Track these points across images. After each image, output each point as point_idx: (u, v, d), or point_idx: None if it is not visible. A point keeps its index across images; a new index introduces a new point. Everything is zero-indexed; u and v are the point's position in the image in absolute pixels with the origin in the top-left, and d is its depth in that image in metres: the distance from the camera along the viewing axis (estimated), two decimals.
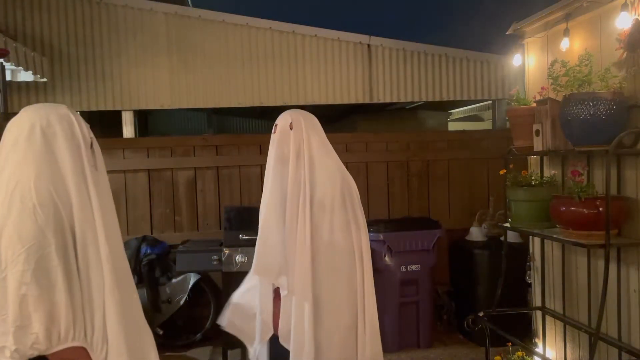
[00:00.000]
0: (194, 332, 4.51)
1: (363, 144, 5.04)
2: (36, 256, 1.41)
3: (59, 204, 1.47)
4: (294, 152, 2.09)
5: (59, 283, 1.43)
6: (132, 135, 5.25)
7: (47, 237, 1.43)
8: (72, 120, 1.58)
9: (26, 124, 1.53)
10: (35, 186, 1.46)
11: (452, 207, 5.11)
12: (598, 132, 2.55)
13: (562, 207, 2.66)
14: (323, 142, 2.17)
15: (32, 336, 1.40)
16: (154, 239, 4.54)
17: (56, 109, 1.59)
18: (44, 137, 1.52)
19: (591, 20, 2.86)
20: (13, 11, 5.12)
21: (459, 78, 5.49)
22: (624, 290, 2.66)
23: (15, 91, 5.05)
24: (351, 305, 2.09)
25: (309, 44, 5.35)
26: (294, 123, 2.13)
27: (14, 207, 1.44)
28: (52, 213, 1.46)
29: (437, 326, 4.69)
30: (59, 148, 1.53)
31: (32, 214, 1.43)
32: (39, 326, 1.40)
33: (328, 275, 2.06)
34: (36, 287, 1.40)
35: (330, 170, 2.12)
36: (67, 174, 1.51)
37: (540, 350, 3.38)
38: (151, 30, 5.22)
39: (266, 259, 2.12)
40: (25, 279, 1.39)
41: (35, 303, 1.39)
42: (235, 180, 4.90)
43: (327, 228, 2.05)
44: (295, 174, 2.07)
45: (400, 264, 4.18)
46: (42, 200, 1.46)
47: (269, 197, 2.13)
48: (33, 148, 1.50)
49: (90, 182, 1.55)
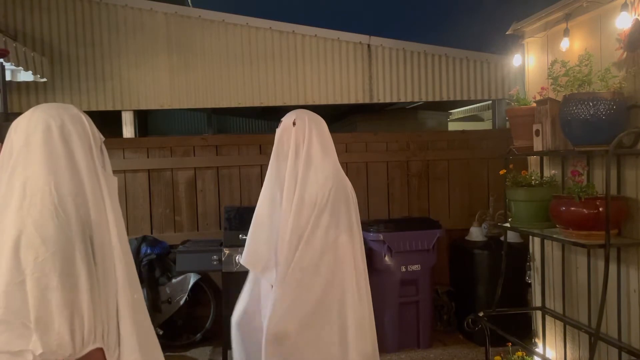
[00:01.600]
0: (194, 332, 4.51)
1: (363, 144, 5.04)
2: (62, 259, 1.38)
3: (79, 205, 1.45)
4: (293, 150, 2.10)
5: (82, 285, 1.40)
6: (132, 135, 5.25)
7: (70, 240, 1.41)
8: (84, 121, 1.56)
9: (40, 124, 1.49)
10: (56, 188, 1.43)
11: (452, 207, 5.11)
12: (598, 132, 2.55)
13: (562, 207, 2.66)
14: (323, 143, 2.17)
15: (57, 340, 1.37)
16: (154, 239, 4.54)
17: (67, 110, 1.56)
18: (62, 138, 1.49)
19: (591, 20, 2.86)
20: (13, 11, 5.12)
21: (459, 78, 5.49)
22: (624, 290, 2.66)
23: (15, 91, 5.05)
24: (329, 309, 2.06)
25: (309, 44, 5.35)
26: (297, 121, 2.14)
27: (34, 208, 1.40)
28: (73, 215, 1.43)
29: (437, 326, 4.69)
30: (75, 149, 1.50)
31: (55, 217, 1.40)
32: (65, 330, 1.37)
33: (306, 274, 2.04)
34: (62, 291, 1.37)
35: (325, 171, 2.11)
36: (84, 175, 1.49)
37: (540, 350, 3.39)
38: (151, 30, 5.22)
39: (254, 251, 2.17)
40: (51, 283, 1.36)
41: (60, 306, 1.37)
42: (235, 180, 4.91)
43: (309, 228, 2.05)
44: (292, 171, 2.08)
45: (400, 264, 4.18)
46: (63, 202, 1.43)
47: (263, 191, 2.18)
48: (50, 149, 1.47)
49: (102, 183, 1.54)
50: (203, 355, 4.32)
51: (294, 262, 2.04)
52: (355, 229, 2.14)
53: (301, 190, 2.06)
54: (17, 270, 1.37)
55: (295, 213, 2.05)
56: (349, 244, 2.10)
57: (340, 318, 2.06)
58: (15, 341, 1.36)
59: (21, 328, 1.36)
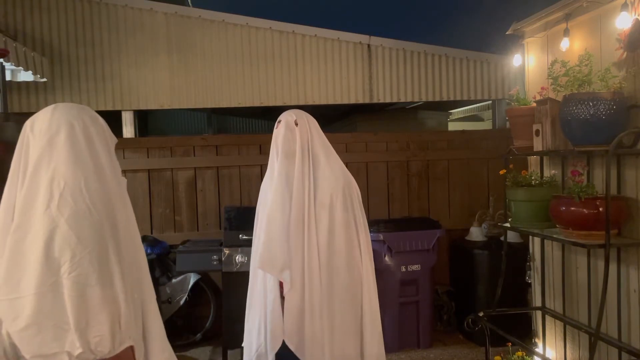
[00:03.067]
0: (194, 332, 4.51)
1: (363, 144, 5.04)
2: (99, 258, 1.39)
3: (108, 204, 1.46)
4: (300, 149, 2.11)
5: (117, 283, 1.41)
6: (132, 135, 5.25)
7: (105, 238, 1.41)
8: (102, 123, 1.59)
9: (63, 124, 1.48)
10: (87, 187, 1.43)
11: (452, 207, 5.11)
12: (598, 132, 2.55)
13: (562, 207, 2.66)
14: (324, 142, 2.20)
15: (96, 339, 1.37)
16: (154, 239, 4.54)
17: (86, 111, 1.57)
18: (86, 138, 1.49)
19: (591, 20, 2.86)
20: (13, 11, 5.12)
21: (459, 78, 5.49)
22: (624, 290, 2.66)
23: (15, 91, 5.05)
24: (352, 306, 2.10)
25: (309, 44, 5.35)
26: (299, 120, 2.15)
27: (66, 207, 1.39)
28: (104, 214, 1.43)
29: (437, 326, 4.69)
30: (99, 149, 1.51)
31: (89, 216, 1.40)
32: (105, 328, 1.38)
33: (328, 275, 2.06)
34: (101, 289, 1.37)
35: (333, 169, 2.14)
36: (108, 175, 1.50)
37: (540, 350, 3.39)
38: (151, 30, 5.22)
39: (271, 253, 2.11)
40: (90, 282, 1.36)
41: (101, 305, 1.37)
42: (235, 180, 4.91)
43: (326, 226, 2.06)
44: (302, 170, 2.09)
45: (400, 264, 4.18)
46: (95, 201, 1.43)
47: (274, 192, 2.12)
48: (77, 148, 1.47)
49: (122, 184, 1.56)
50: (203, 355, 4.32)
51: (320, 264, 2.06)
52: (364, 227, 2.19)
53: (314, 190, 2.08)
54: (49, 271, 1.35)
55: (311, 213, 2.06)
56: (365, 242, 2.16)
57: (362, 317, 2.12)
58: (49, 344, 1.34)
59: (54, 330, 1.35)
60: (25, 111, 5.03)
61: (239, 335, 2.42)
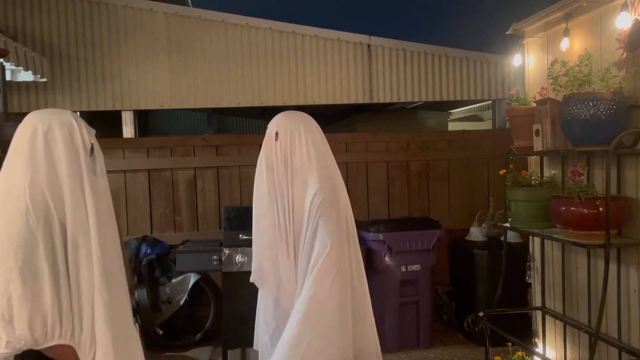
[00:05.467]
0: (194, 332, 4.51)
1: (363, 144, 5.04)
2: (24, 255, 1.46)
3: (51, 206, 1.52)
4: (276, 162, 2.08)
5: (45, 283, 1.47)
6: (132, 135, 5.25)
7: (36, 237, 1.48)
8: (74, 126, 1.62)
9: (29, 129, 1.59)
10: (30, 188, 1.51)
11: (452, 207, 5.11)
12: (598, 132, 2.55)
13: (562, 207, 2.66)
14: (309, 151, 2.06)
15: (18, 332, 1.45)
16: (154, 239, 4.54)
17: (59, 115, 1.64)
18: (45, 141, 1.57)
19: (591, 20, 2.86)
20: (13, 11, 5.12)
21: (459, 78, 5.49)
22: (624, 290, 2.66)
23: (15, 91, 5.05)
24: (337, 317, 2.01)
25: (309, 44, 5.35)
26: (280, 131, 2.09)
27: (8, 207, 1.50)
28: (42, 215, 1.50)
29: (437, 326, 4.69)
30: (57, 152, 1.57)
31: (25, 215, 1.49)
32: (22, 323, 1.45)
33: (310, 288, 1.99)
34: (21, 285, 1.45)
35: (312, 182, 2.02)
36: (63, 178, 1.55)
37: (540, 350, 3.39)
38: (151, 30, 5.22)
39: (260, 268, 2.13)
40: (12, 277, 1.44)
41: (19, 300, 1.45)
42: (235, 180, 4.91)
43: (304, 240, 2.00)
44: (280, 183, 2.06)
45: (400, 264, 4.18)
46: (35, 202, 1.50)
47: (258, 207, 2.14)
48: (33, 151, 1.56)
49: (87, 186, 1.58)
50: (203, 355, 4.32)
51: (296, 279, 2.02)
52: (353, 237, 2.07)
53: (293, 205, 2.04)
54: None
55: (290, 228, 2.03)
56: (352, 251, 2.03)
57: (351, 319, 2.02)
58: None
59: None
60: (25, 111, 4.98)
61: (239, 335, 2.40)
